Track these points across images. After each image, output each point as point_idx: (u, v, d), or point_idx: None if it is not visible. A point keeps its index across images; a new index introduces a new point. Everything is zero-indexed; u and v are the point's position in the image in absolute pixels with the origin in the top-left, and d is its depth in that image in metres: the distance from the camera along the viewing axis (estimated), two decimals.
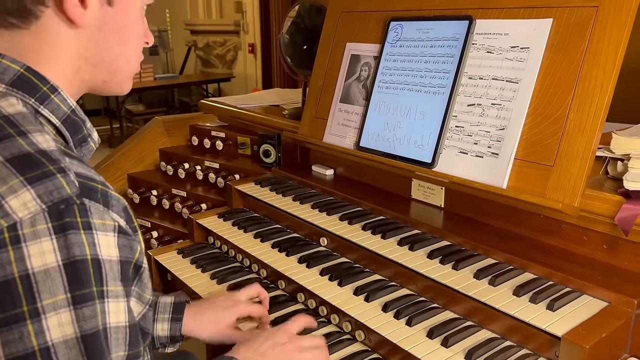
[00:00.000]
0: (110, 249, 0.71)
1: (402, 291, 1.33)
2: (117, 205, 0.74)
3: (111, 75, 0.87)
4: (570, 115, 1.19)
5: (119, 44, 0.85)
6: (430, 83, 1.46)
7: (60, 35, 0.80)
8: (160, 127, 2.39)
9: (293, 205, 1.68)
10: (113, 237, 0.72)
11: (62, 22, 0.79)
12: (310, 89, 1.85)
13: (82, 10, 0.79)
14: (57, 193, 0.68)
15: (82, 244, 0.67)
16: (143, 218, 2.07)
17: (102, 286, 0.69)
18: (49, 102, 0.80)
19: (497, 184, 1.29)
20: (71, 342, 0.66)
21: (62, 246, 0.66)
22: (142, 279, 0.80)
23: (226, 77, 7.95)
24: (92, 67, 0.85)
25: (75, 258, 0.67)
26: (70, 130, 0.83)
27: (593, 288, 1.13)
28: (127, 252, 0.74)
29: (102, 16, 0.82)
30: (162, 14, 8.59)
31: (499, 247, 1.31)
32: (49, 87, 0.80)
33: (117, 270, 0.72)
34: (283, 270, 1.44)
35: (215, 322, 1.24)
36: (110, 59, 0.85)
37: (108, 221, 0.71)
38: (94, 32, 0.82)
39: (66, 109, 0.82)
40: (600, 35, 1.16)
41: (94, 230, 0.69)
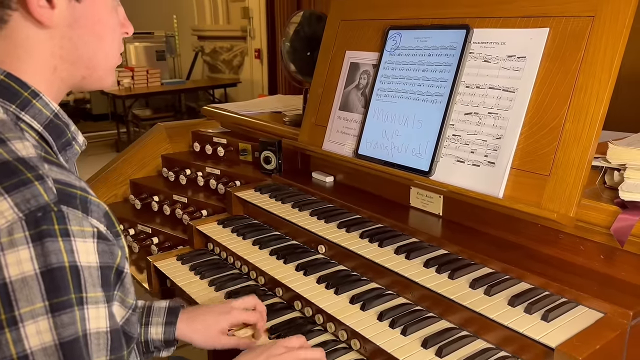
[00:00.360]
0: (89, 255, 0.71)
1: (398, 300, 1.32)
2: (97, 210, 0.74)
3: (90, 71, 0.87)
4: (566, 125, 1.18)
5: (94, 39, 0.85)
6: (428, 91, 1.46)
7: (32, 37, 0.80)
8: (162, 133, 2.41)
9: (292, 213, 1.69)
10: (92, 243, 0.72)
11: (31, 24, 0.79)
12: (310, 96, 1.86)
13: (50, 11, 0.78)
14: (35, 201, 0.68)
15: (59, 251, 0.68)
16: (144, 224, 2.08)
17: (81, 293, 0.69)
18: (31, 108, 0.80)
19: (493, 193, 1.29)
20: (50, 350, 0.67)
21: (39, 254, 0.67)
22: (125, 284, 0.80)
23: (233, 82, 7.99)
24: (70, 65, 0.84)
25: (52, 266, 0.67)
26: (53, 134, 0.83)
27: (589, 299, 1.12)
28: (107, 257, 0.74)
29: (71, 13, 0.81)
30: (170, 19, 8.66)
31: (495, 256, 1.31)
32: (30, 92, 0.80)
33: (96, 276, 0.72)
34: (280, 277, 1.45)
35: (209, 327, 1.24)
36: (88, 55, 0.85)
37: (87, 227, 0.71)
38: (65, 31, 0.81)
39: (49, 113, 0.82)
40: (596, 45, 1.16)
41: (72, 237, 0.69)
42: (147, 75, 7.62)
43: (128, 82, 7.39)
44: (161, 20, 8.99)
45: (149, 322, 1.22)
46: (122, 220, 2.16)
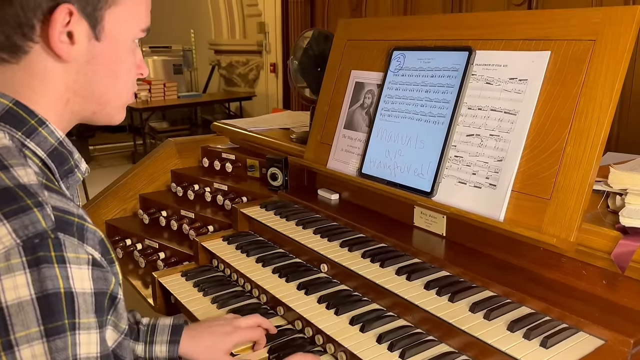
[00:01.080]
0: (84, 281, 0.73)
1: (399, 322, 1.32)
2: (92, 238, 0.76)
3: (101, 107, 0.89)
4: (567, 148, 1.18)
5: (109, 77, 0.87)
6: (431, 112, 1.46)
7: (49, 69, 0.82)
8: (172, 149, 2.44)
9: (296, 230, 1.69)
10: (87, 270, 0.73)
11: (50, 57, 0.81)
12: (316, 114, 1.87)
13: (70, 46, 0.81)
14: (33, 227, 0.70)
15: (55, 277, 0.69)
16: (151, 239, 2.10)
17: (74, 318, 0.71)
18: (36, 135, 0.82)
19: (494, 216, 1.28)
20: None
21: (36, 280, 0.68)
22: (118, 309, 0.82)
23: (248, 95, 8.06)
24: (82, 99, 0.87)
25: (48, 291, 0.69)
26: (56, 162, 0.85)
27: (590, 325, 1.10)
28: (101, 283, 0.75)
29: (90, 50, 0.84)
30: (187, 34, 8.80)
31: (497, 279, 1.29)
32: (37, 120, 0.83)
33: (90, 302, 0.73)
34: (281, 297, 1.45)
35: (212, 347, 1.26)
36: (100, 92, 0.87)
37: (82, 254, 0.73)
38: (82, 66, 0.84)
39: (53, 141, 0.85)
40: (597, 69, 1.15)
41: (68, 264, 0.71)
42: (164, 88, 7.73)
43: (145, 95, 7.50)
44: (179, 34, 9.13)
45: (153, 340, 1.24)
46: (130, 235, 2.19)
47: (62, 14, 0.79)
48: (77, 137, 7.51)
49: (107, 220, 2.30)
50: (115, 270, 0.83)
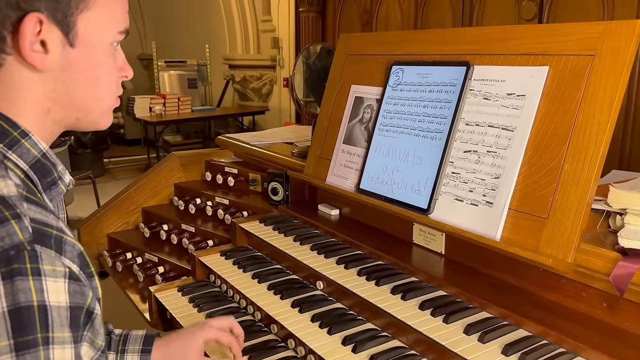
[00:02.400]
0: (60, 295, 0.71)
1: (393, 343, 1.28)
2: (71, 251, 0.75)
3: (83, 114, 0.88)
4: (565, 166, 1.14)
5: (88, 84, 0.86)
6: (428, 128, 1.44)
7: (25, 80, 0.81)
8: (176, 162, 2.44)
9: (293, 246, 1.67)
10: (63, 283, 0.72)
11: (25, 67, 0.80)
12: (316, 129, 1.86)
13: (44, 55, 0.80)
14: (9, 239, 0.69)
15: (28, 290, 0.68)
16: (151, 252, 2.09)
17: (47, 332, 0.69)
18: (18, 147, 0.81)
19: (490, 235, 1.25)
20: None
21: (9, 292, 0.67)
22: (94, 325, 0.79)
23: (261, 110, 8.11)
24: (62, 108, 0.85)
25: (20, 304, 0.67)
26: (38, 174, 0.84)
27: (588, 350, 1.06)
28: (78, 297, 0.74)
29: (65, 58, 0.82)
30: (202, 48, 8.90)
31: (494, 300, 1.25)
32: (20, 132, 0.82)
33: (65, 317, 0.72)
34: (274, 314, 1.42)
35: (183, 350, 1.22)
36: (80, 99, 0.86)
37: (59, 267, 0.72)
38: (59, 74, 0.83)
39: (36, 153, 0.83)
40: (596, 85, 1.12)
41: (43, 277, 0.69)
42: (178, 102, 7.81)
43: (160, 108, 7.59)
44: (194, 49, 9.24)
45: (125, 349, 1.21)
46: (131, 249, 2.18)
47: (31, 23, 0.77)
48: (91, 150, 7.60)
49: (109, 233, 2.30)
50: (95, 284, 0.81)
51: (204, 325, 1.24)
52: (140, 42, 11.17)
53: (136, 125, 8.78)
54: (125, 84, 10.65)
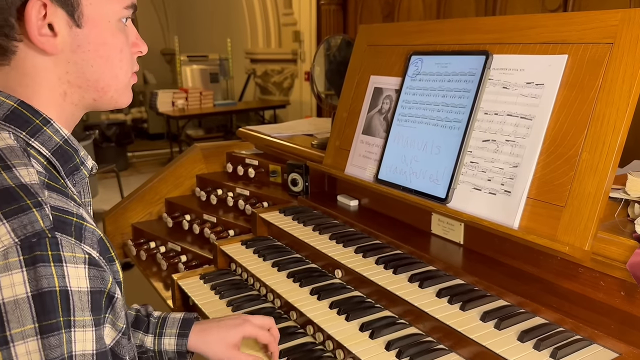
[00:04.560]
0: (80, 280, 0.74)
1: (410, 330, 1.30)
2: (90, 237, 0.77)
3: (100, 93, 0.89)
4: (583, 154, 1.14)
5: (99, 63, 0.87)
6: (447, 117, 1.44)
7: (38, 65, 0.83)
8: (198, 154, 2.48)
9: (312, 236, 1.69)
10: (83, 269, 0.74)
11: (37, 52, 0.82)
12: (336, 120, 1.88)
13: (52, 38, 0.81)
14: (31, 227, 0.71)
15: (50, 276, 0.70)
16: (174, 242, 2.14)
17: (69, 316, 0.72)
18: (41, 134, 0.84)
19: (508, 224, 1.25)
20: None
21: (32, 278, 0.70)
22: (115, 308, 0.82)
23: (282, 104, 8.15)
24: (78, 88, 0.87)
25: (43, 290, 0.70)
26: (60, 160, 0.86)
27: (604, 337, 1.06)
28: (98, 282, 0.76)
29: (73, 39, 0.83)
30: (224, 43, 8.97)
31: (512, 288, 1.26)
32: (42, 120, 0.84)
33: (86, 301, 0.74)
34: (294, 301, 1.45)
35: (220, 340, 1.23)
36: (94, 78, 0.87)
37: (79, 253, 0.74)
38: (69, 56, 0.84)
39: (58, 140, 0.86)
40: (615, 73, 1.12)
41: (64, 263, 0.72)
42: (200, 96, 7.89)
43: (182, 103, 7.68)
44: (216, 44, 9.33)
45: (162, 332, 1.24)
46: (155, 238, 2.23)
47: (35, 8, 0.79)
48: (116, 144, 7.74)
49: (133, 223, 2.36)
50: (115, 268, 0.84)
51: (245, 322, 1.24)
52: (163, 37, 11.31)
53: (159, 120, 8.91)
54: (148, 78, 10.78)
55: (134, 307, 1.27)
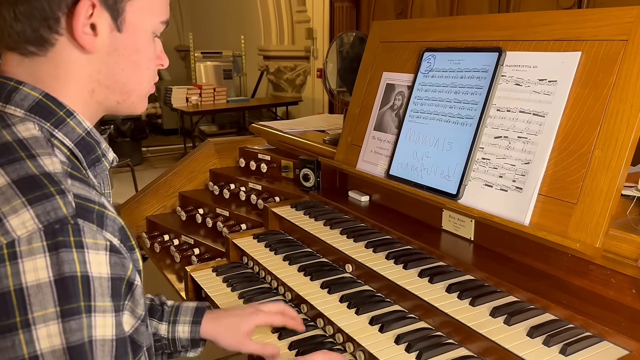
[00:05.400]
0: (101, 266, 0.75)
1: (419, 324, 1.30)
2: (112, 225, 0.79)
3: (124, 97, 0.93)
4: (596, 151, 1.14)
5: (130, 68, 0.91)
6: (459, 114, 1.45)
7: (74, 60, 0.86)
8: (211, 149, 2.50)
9: (323, 230, 1.71)
10: (104, 255, 0.76)
11: (75, 48, 0.85)
12: (348, 116, 1.89)
13: (93, 38, 0.85)
14: (54, 213, 0.73)
15: (72, 261, 0.72)
16: (188, 235, 2.17)
17: (90, 301, 0.73)
18: (64, 126, 0.86)
19: (519, 220, 1.26)
20: (58, 352, 0.71)
21: (54, 263, 0.71)
22: (135, 295, 0.83)
23: (294, 100, 8.17)
24: (106, 89, 0.90)
25: (65, 275, 0.72)
26: (83, 151, 0.89)
27: (614, 334, 1.06)
28: (118, 269, 0.78)
29: (112, 42, 0.87)
30: (238, 40, 9.01)
31: (522, 285, 1.26)
32: (65, 112, 0.87)
33: (106, 287, 0.76)
34: (304, 294, 1.46)
35: (232, 328, 1.27)
36: (122, 81, 0.91)
37: (100, 240, 0.76)
38: (104, 57, 0.88)
39: (81, 131, 0.89)
40: (629, 70, 1.11)
41: (85, 249, 0.74)
42: (214, 93, 7.94)
43: (196, 99, 7.73)
44: (230, 40, 9.37)
45: (176, 320, 1.27)
46: (168, 231, 2.26)
47: (85, 7, 0.82)
48: (130, 139, 7.82)
49: (148, 216, 2.39)
50: (135, 257, 0.85)
51: (257, 311, 1.28)
52: (178, 33, 11.38)
53: (173, 115, 8.97)
54: (163, 75, 10.83)
55: (148, 297, 1.30)
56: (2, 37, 0.85)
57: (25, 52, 0.85)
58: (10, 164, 0.76)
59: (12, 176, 0.75)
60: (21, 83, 0.85)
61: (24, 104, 0.84)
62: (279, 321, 1.29)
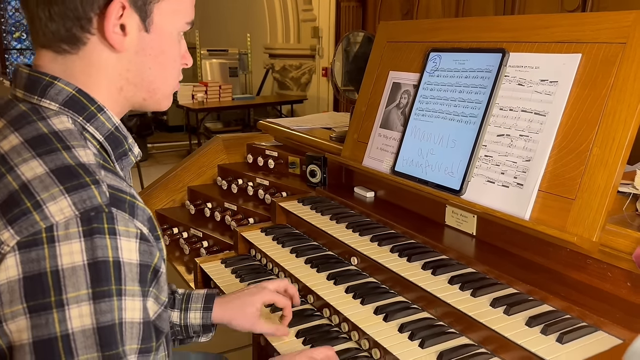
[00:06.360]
0: (131, 253, 0.79)
1: (422, 314, 1.35)
2: (142, 215, 0.84)
3: (150, 94, 0.97)
4: (594, 149, 1.19)
5: (156, 67, 0.95)
6: (463, 112, 1.50)
7: (104, 59, 0.91)
8: (220, 145, 2.56)
9: (329, 224, 1.76)
10: (135, 243, 0.80)
11: (105, 47, 0.90)
12: (354, 114, 1.94)
13: (122, 37, 0.89)
14: (90, 202, 0.77)
15: (105, 247, 0.76)
16: (196, 228, 2.22)
17: (121, 285, 0.78)
18: (95, 120, 0.91)
19: (520, 215, 1.30)
20: (88, 332, 0.75)
21: (89, 248, 0.76)
22: (160, 282, 0.88)
23: (299, 99, 8.21)
24: (134, 87, 0.95)
25: (98, 259, 0.76)
26: (112, 145, 0.94)
27: (609, 324, 1.11)
28: (146, 257, 0.82)
29: (139, 42, 0.92)
30: (244, 38, 9.05)
31: (522, 277, 1.31)
32: (96, 107, 0.91)
33: (136, 272, 0.80)
34: (311, 285, 1.51)
35: (241, 309, 1.33)
36: (149, 80, 0.95)
37: (131, 228, 0.80)
38: (132, 56, 0.92)
39: (110, 126, 0.93)
40: (626, 72, 1.16)
41: (118, 236, 0.78)
42: (219, 90, 7.99)
43: (201, 96, 7.78)
44: (236, 38, 9.41)
45: (188, 307, 1.32)
46: (177, 224, 2.31)
47: (116, 8, 0.87)
48: (136, 135, 7.87)
49: (157, 209, 2.45)
50: (161, 246, 0.90)
51: (262, 289, 1.33)
52: None
53: (179, 112, 9.02)
54: None
55: None
56: (37, 36, 0.90)
57: (58, 50, 0.90)
58: (48, 154, 0.81)
59: (50, 165, 0.79)
60: (56, 78, 0.89)
61: (58, 98, 0.88)
62: (281, 302, 1.35)
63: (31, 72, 0.90)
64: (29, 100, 0.89)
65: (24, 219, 0.76)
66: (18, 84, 0.91)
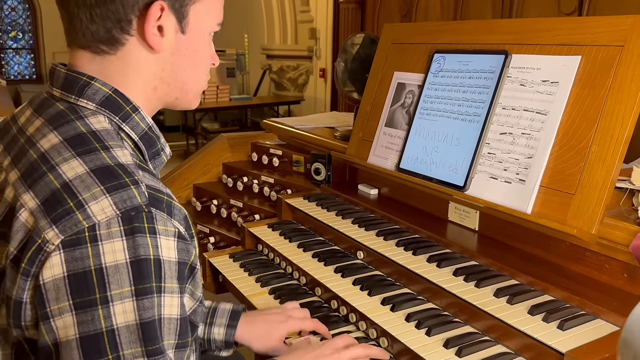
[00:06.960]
0: (170, 251, 0.82)
1: (428, 305, 1.41)
2: (178, 214, 0.86)
3: (182, 94, 1.00)
4: (593, 147, 1.25)
5: (190, 67, 0.98)
6: (467, 112, 1.55)
7: (141, 59, 0.94)
8: (225, 143, 2.60)
9: (335, 220, 1.81)
10: (173, 241, 0.83)
11: (143, 48, 0.93)
12: (359, 113, 1.99)
13: (160, 38, 0.92)
14: (130, 202, 0.80)
15: (147, 245, 0.79)
16: (203, 224, 2.27)
17: (161, 282, 0.81)
18: (130, 120, 0.93)
19: (522, 209, 1.36)
20: (132, 327, 0.78)
21: (131, 246, 0.78)
22: (195, 279, 0.91)
23: (296, 99, 8.28)
24: (167, 86, 0.98)
25: (140, 257, 0.79)
26: (146, 144, 0.96)
27: (607, 313, 1.17)
28: (184, 254, 0.85)
29: (175, 43, 0.95)
30: (241, 38, 9.10)
31: (523, 269, 1.37)
32: (131, 107, 0.94)
33: (174, 270, 0.83)
34: (319, 277, 1.56)
35: (266, 334, 1.33)
36: (183, 80, 0.98)
37: (170, 227, 0.83)
38: (168, 57, 0.95)
39: (144, 126, 0.96)
40: (624, 73, 1.22)
41: (158, 235, 0.81)
42: (217, 90, 8.04)
43: None
44: (233, 39, 9.45)
45: (213, 322, 1.33)
46: None
47: (155, 10, 0.90)
48: None
49: None
50: (194, 244, 0.92)
51: (289, 318, 1.34)
52: None
53: (175, 112, 9.04)
54: None
55: None
56: (76, 37, 0.93)
57: (97, 51, 0.92)
58: (87, 154, 0.83)
59: (90, 165, 0.82)
60: (93, 78, 0.92)
61: (95, 97, 0.91)
62: (309, 327, 1.35)
63: (69, 72, 0.92)
64: (66, 100, 0.91)
65: (68, 218, 0.78)
66: (55, 83, 0.93)
